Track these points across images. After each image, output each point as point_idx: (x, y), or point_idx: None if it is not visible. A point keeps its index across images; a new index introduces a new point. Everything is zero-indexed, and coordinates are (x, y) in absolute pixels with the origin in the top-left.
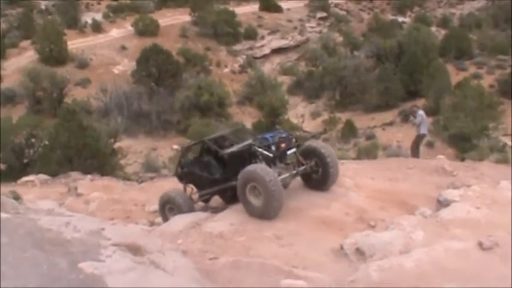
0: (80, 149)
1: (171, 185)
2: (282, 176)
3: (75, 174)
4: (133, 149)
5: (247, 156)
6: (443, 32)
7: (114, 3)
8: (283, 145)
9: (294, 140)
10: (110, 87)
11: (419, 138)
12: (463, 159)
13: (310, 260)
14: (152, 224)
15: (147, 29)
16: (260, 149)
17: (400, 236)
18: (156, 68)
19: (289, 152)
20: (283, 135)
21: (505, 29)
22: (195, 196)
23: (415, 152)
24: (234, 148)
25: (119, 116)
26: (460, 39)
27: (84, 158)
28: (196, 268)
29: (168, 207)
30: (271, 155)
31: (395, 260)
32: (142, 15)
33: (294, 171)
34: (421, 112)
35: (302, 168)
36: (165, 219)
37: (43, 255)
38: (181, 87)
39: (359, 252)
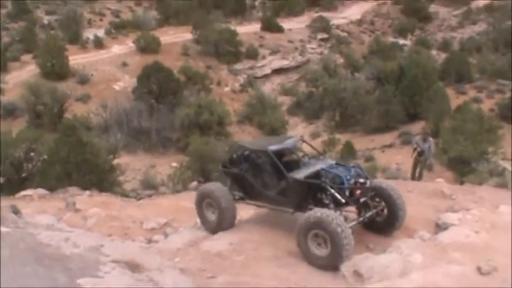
0: (79, 165)
1: (170, 202)
2: (351, 224)
3: (73, 190)
4: (132, 165)
5: (315, 190)
6: (443, 55)
7: (117, 19)
8: (358, 192)
9: (371, 187)
10: (110, 103)
11: (423, 162)
12: (462, 183)
13: (308, 282)
14: (150, 241)
15: (149, 46)
16: (332, 190)
17: (398, 259)
18: (157, 85)
19: (362, 200)
20: (361, 180)
21: (505, 54)
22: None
23: (416, 174)
24: (301, 175)
25: (119, 132)
26: (460, 62)
27: (83, 173)
28: (194, 286)
29: (206, 202)
30: (343, 200)
31: (393, 283)
32: (144, 32)
33: (361, 218)
34: (430, 138)
35: (369, 213)
36: (201, 216)
37: (43, 270)
38: (181, 105)
39: (357, 274)
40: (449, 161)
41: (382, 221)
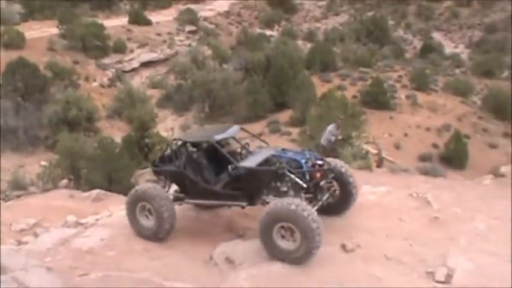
0: None
1: (39, 202)
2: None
3: None
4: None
5: (269, 178)
6: (309, 45)
7: None
8: (318, 175)
9: (331, 169)
10: None
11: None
12: None
13: (181, 272)
14: (20, 243)
15: (13, 41)
16: (292, 175)
17: None
18: (23, 82)
19: (321, 184)
20: (319, 162)
21: (366, 43)
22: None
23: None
24: (252, 164)
25: None
26: (324, 52)
27: None
28: (64, 284)
29: (140, 206)
30: (305, 185)
31: (263, 266)
32: (8, 27)
33: (320, 203)
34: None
35: (326, 196)
36: (135, 222)
37: None
38: (49, 102)
39: (228, 261)
40: (316, 147)
41: (335, 202)
